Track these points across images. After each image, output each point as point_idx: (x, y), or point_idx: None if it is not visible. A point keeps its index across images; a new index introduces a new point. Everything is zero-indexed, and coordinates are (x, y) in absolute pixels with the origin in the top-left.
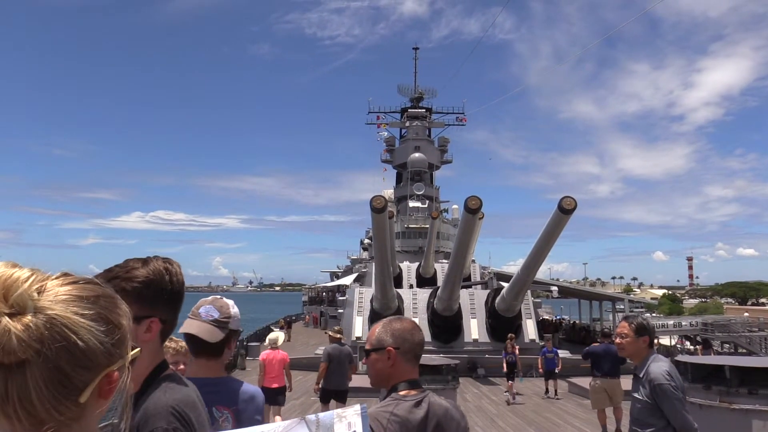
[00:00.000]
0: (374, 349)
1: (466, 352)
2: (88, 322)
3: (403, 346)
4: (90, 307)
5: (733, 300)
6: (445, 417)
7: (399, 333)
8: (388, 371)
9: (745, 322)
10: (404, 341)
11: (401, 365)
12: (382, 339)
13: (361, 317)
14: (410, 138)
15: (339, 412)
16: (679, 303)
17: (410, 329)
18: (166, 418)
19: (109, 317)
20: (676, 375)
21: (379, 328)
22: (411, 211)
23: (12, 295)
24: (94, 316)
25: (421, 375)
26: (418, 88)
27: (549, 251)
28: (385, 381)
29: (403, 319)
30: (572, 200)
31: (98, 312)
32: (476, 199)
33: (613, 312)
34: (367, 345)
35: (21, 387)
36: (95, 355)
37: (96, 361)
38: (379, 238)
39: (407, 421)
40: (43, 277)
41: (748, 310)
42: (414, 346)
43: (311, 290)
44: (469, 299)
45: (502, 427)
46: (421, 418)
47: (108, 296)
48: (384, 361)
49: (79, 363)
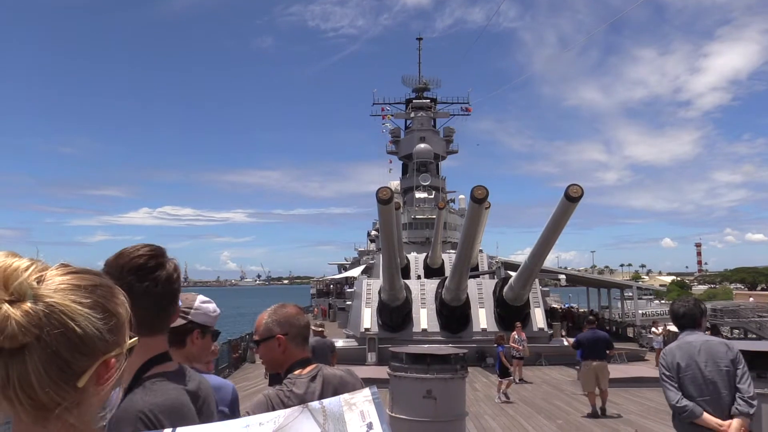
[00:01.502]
0: (264, 339)
1: (474, 341)
2: (85, 309)
3: (291, 332)
4: (87, 295)
5: (743, 285)
6: (341, 383)
7: (285, 320)
8: (281, 357)
9: (755, 308)
10: (291, 326)
11: (291, 349)
12: (271, 328)
13: (370, 309)
14: (415, 129)
15: (347, 398)
16: (688, 289)
17: (295, 314)
18: (133, 425)
19: (107, 305)
20: (671, 354)
21: (265, 318)
22: (417, 202)
23: (12, 283)
24: (91, 304)
25: (430, 365)
26: (422, 79)
27: (556, 240)
28: (279, 366)
29: (286, 305)
30: (579, 188)
31: (96, 300)
32: (482, 188)
33: (621, 299)
34: (256, 336)
35: (21, 371)
36: (92, 341)
37: (93, 347)
38: (386, 229)
39: (305, 395)
40: (43, 267)
41: (757, 295)
42: (301, 330)
43: (319, 283)
44: (477, 289)
45: (512, 416)
46: (317, 390)
47: (105, 285)
48: (275, 348)
49: (77, 349)
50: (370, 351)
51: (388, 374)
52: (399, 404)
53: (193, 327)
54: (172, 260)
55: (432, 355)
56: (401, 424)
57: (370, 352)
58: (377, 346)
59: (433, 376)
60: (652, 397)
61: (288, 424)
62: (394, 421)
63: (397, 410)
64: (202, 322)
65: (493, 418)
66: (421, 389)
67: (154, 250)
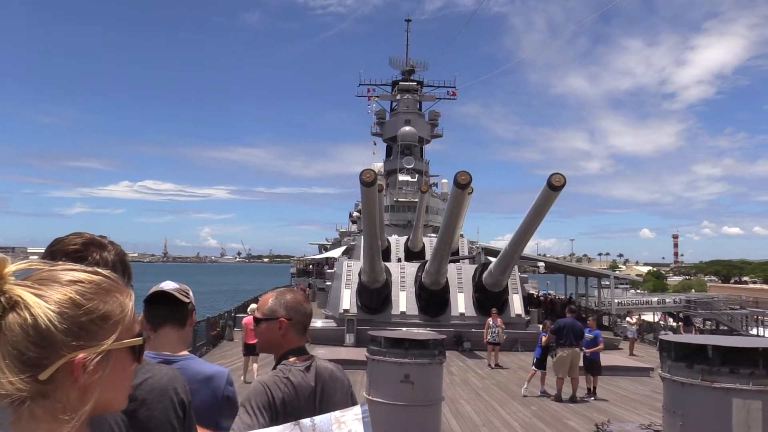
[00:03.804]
0: (266, 319)
1: (452, 326)
2: (44, 303)
3: (295, 318)
4: (59, 289)
5: (717, 278)
6: (331, 378)
7: (291, 305)
8: (279, 340)
9: (727, 300)
10: (296, 313)
11: (291, 335)
12: (275, 310)
13: (349, 290)
14: (401, 111)
15: (337, 415)
16: (663, 280)
17: (302, 301)
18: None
19: (81, 301)
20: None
21: (272, 299)
22: (400, 185)
23: None
24: (58, 299)
25: (408, 350)
26: (409, 61)
27: (537, 227)
28: (274, 349)
29: (294, 291)
30: (561, 177)
31: (66, 295)
32: (466, 174)
33: (598, 288)
34: (258, 314)
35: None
36: (49, 334)
37: (50, 340)
38: (369, 211)
39: (300, 385)
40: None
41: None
42: (304, 318)
43: (300, 262)
44: (456, 273)
45: (487, 400)
46: (311, 381)
47: (91, 282)
48: (275, 330)
49: (31, 340)
50: (348, 332)
51: (366, 357)
52: (376, 388)
53: (194, 309)
54: (111, 251)
55: (410, 340)
56: (378, 408)
57: (348, 333)
58: (356, 327)
59: (411, 360)
60: (625, 386)
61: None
62: (371, 405)
63: (374, 394)
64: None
65: (469, 402)
66: (399, 374)
67: (91, 239)
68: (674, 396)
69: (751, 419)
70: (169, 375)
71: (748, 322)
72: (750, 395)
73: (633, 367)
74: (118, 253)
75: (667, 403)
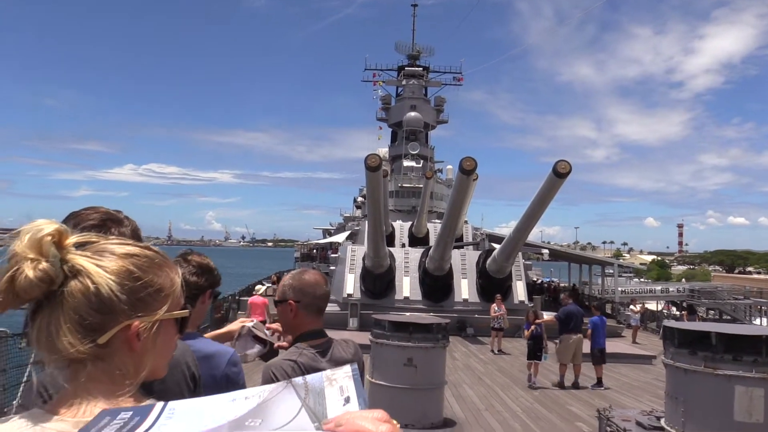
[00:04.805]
0: (279, 301)
1: (455, 311)
2: (105, 273)
3: (304, 300)
4: (116, 261)
5: (721, 268)
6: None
7: (301, 287)
8: (292, 322)
9: (731, 290)
10: (305, 295)
11: (303, 317)
12: (285, 292)
13: (353, 275)
14: (406, 97)
15: (328, 374)
16: (667, 269)
17: (313, 283)
18: None
19: (139, 274)
20: None
21: (286, 280)
22: (405, 171)
23: (38, 243)
24: (117, 269)
25: (412, 333)
26: (415, 46)
27: (542, 214)
28: (291, 330)
29: (309, 272)
30: (567, 164)
31: (125, 267)
32: (471, 160)
33: (602, 276)
34: (276, 296)
35: (47, 321)
36: (110, 302)
37: (111, 308)
38: (373, 196)
39: (309, 368)
40: (83, 234)
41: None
42: (315, 300)
43: (303, 247)
44: (460, 259)
45: (489, 385)
46: (321, 364)
47: (145, 256)
48: (287, 313)
49: (92, 307)
50: (351, 316)
51: (370, 341)
52: (379, 371)
53: (208, 287)
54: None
55: (414, 324)
56: (381, 391)
57: (351, 317)
58: (359, 311)
59: (414, 344)
60: (627, 373)
61: (272, 398)
62: (374, 388)
63: (377, 377)
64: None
65: (471, 387)
66: (402, 357)
67: (108, 213)
68: (677, 382)
69: (753, 406)
70: (180, 349)
71: (751, 312)
72: (753, 383)
73: (635, 354)
74: (134, 228)
75: (670, 390)
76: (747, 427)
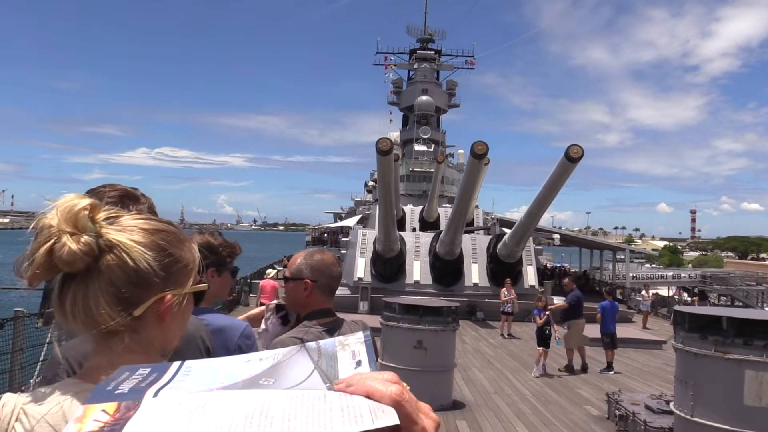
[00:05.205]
0: (293, 278)
1: (466, 296)
2: (140, 247)
3: (320, 280)
4: (147, 236)
5: (734, 254)
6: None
7: (317, 266)
8: (305, 301)
9: (744, 276)
10: (321, 275)
11: (316, 296)
12: (302, 270)
13: (364, 259)
14: (418, 80)
15: (341, 339)
16: (679, 255)
17: (329, 264)
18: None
19: (168, 248)
20: None
21: (300, 259)
22: (416, 155)
23: (74, 218)
24: (149, 243)
25: (422, 316)
26: (427, 29)
27: (553, 199)
28: (301, 308)
29: (324, 252)
30: (579, 148)
31: (154, 242)
32: (482, 144)
33: (613, 262)
34: (287, 272)
35: (83, 295)
36: (147, 275)
37: (148, 281)
38: (384, 180)
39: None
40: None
41: (747, 264)
42: (330, 281)
43: (314, 230)
44: (471, 244)
45: (499, 369)
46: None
47: (170, 231)
48: (300, 290)
49: (130, 280)
50: (362, 300)
51: (380, 323)
52: (389, 353)
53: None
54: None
55: (424, 307)
56: None
57: (362, 300)
58: (370, 295)
59: (424, 327)
60: (637, 358)
61: (285, 360)
62: (384, 370)
63: (387, 359)
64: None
65: (481, 370)
66: (413, 339)
67: (125, 191)
68: (687, 366)
69: (763, 391)
70: (194, 324)
71: (764, 299)
72: (763, 367)
73: (645, 339)
74: (150, 205)
75: (679, 374)
76: (756, 411)
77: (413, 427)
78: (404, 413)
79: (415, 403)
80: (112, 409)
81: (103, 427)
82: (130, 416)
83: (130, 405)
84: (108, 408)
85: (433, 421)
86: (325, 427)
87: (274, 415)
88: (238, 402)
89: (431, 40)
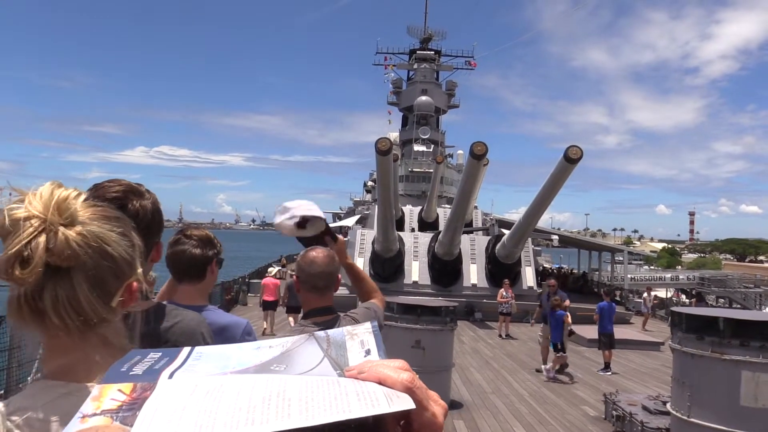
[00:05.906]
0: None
1: (464, 296)
2: (116, 236)
3: (301, 276)
4: (116, 225)
5: (732, 256)
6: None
7: (301, 263)
8: (301, 298)
9: (742, 278)
10: (302, 271)
11: (304, 293)
12: (295, 267)
13: (363, 259)
14: (417, 81)
15: (349, 329)
16: (677, 257)
17: (310, 260)
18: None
19: (128, 235)
20: None
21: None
22: (416, 155)
23: (65, 209)
24: (119, 232)
25: (420, 316)
26: (427, 30)
27: (552, 200)
28: (303, 305)
29: (317, 249)
30: (578, 150)
31: (122, 230)
32: (482, 145)
33: (611, 263)
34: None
35: (69, 290)
36: (124, 265)
37: (123, 270)
38: (383, 180)
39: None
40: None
41: (745, 267)
42: (309, 277)
43: None
44: (469, 245)
45: (497, 370)
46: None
47: (123, 218)
48: (297, 288)
49: (112, 271)
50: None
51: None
52: (387, 352)
53: (213, 256)
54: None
55: (423, 307)
56: None
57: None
58: None
59: (422, 327)
60: (634, 359)
61: (295, 348)
62: None
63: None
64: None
65: (478, 370)
66: (410, 339)
67: (129, 186)
68: (683, 367)
69: (760, 392)
70: (196, 319)
71: (762, 301)
72: (759, 368)
73: (643, 341)
74: (154, 201)
75: (676, 374)
76: (753, 412)
77: (424, 413)
78: (416, 399)
79: (426, 390)
80: (128, 389)
81: (121, 406)
82: (147, 396)
83: (146, 386)
84: (124, 388)
85: (442, 408)
86: (343, 409)
87: (291, 397)
88: (254, 384)
89: (431, 40)
